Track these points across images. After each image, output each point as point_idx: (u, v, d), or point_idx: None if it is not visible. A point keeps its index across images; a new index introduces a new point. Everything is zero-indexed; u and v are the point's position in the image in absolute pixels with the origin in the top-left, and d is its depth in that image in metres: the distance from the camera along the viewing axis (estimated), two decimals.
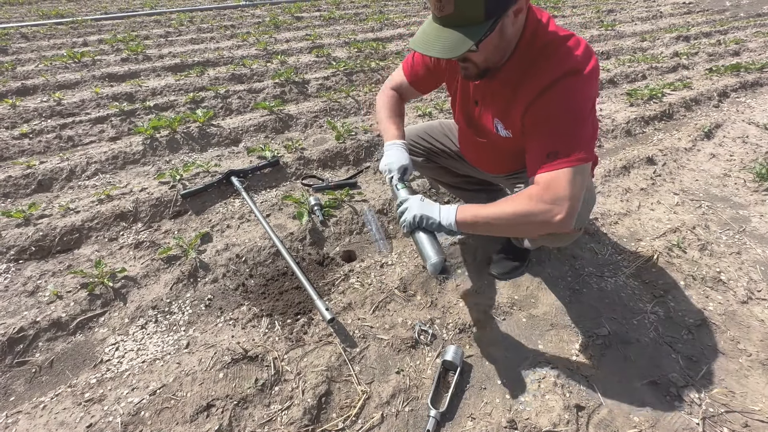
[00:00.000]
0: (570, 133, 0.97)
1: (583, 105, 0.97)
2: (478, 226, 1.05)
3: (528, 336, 1.37)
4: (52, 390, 1.22)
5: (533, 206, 0.98)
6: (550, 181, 0.97)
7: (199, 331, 1.39)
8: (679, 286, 1.55)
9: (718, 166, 2.37)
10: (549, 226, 0.98)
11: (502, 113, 1.13)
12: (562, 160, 0.96)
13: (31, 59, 3.99)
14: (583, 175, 0.98)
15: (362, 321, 1.40)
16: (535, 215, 0.98)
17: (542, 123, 1.00)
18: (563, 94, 0.97)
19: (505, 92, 1.09)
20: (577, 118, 0.97)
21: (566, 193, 0.96)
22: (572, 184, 0.96)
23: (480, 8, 0.87)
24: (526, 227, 1.04)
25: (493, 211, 1.03)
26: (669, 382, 1.22)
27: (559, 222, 0.96)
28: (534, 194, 0.99)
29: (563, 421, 1.11)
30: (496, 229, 1.06)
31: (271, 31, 5.12)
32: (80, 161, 2.28)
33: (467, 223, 1.05)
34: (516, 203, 1.01)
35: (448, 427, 1.12)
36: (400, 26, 5.55)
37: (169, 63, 3.84)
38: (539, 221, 0.98)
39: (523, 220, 1.00)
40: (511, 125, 1.12)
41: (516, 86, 1.05)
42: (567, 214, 0.96)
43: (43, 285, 1.55)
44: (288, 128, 2.80)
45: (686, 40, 5.01)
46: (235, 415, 1.12)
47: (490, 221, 1.03)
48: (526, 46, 1.02)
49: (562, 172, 0.96)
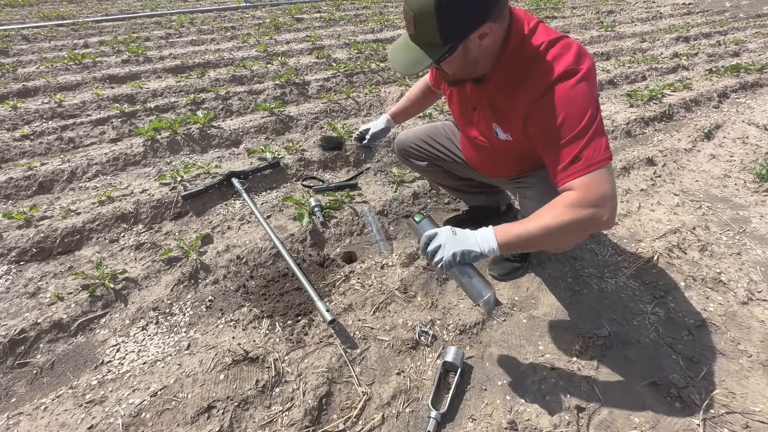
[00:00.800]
0: (582, 135, 0.97)
1: (586, 103, 0.97)
2: (522, 244, 1.00)
3: (528, 337, 1.37)
4: (53, 391, 1.22)
5: (578, 213, 0.95)
6: (588, 184, 0.96)
7: (200, 333, 1.39)
8: (680, 287, 1.55)
9: (719, 166, 2.37)
10: (597, 227, 0.98)
11: (499, 119, 1.14)
12: (589, 163, 0.96)
13: (32, 61, 4.00)
14: (612, 172, 1.00)
15: (363, 322, 1.40)
16: (583, 221, 0.95)
17: (549, 133, 1.00)
18: (561, 97, 0.97)
19: (500, 98, 1.10)
20: (582, 116, 0.97)
21: (607, 192, 0.96)
22: (608, 182, 0.97)
23: (435, 35, 0.94)
24: (573, 235, 1.02)
25: (537, 227, 0.97)
26: (669, 383, 1.22)
27: (607, 221, 0.96)
28: (575, 201, 0.96)
29: (564, 422, 1.11)
30: (540, 244, 1.01)
31: (271, 32, 5.13)
32: (81, 163, 2.28)
33: (510, 245, 0.99)
34: (558, 214, 0.96)
35: (449, 428, 1.12)
36: (401, 27, 5.56)
37: (169, 64, 3.85)
38: (587, 225, 0.97)
39: (570, 229, 0.96)
40: (511, 129, 1.13)
41: (511, 93, 1.06)
42: (612, 211, 0.96)
43: (44, 286, 1.56)
44: (288, 129, 2.80)
45: (686, 41, 5.02)
46: (236, 417, 1.12)
47: (535, 238, 0.98)
48: (514, 56, 1.03)
49: (596, 174, 0.96)
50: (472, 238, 1.00)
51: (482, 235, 1.00)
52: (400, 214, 1.96)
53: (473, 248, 0.98)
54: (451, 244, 0.99)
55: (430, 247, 1.01)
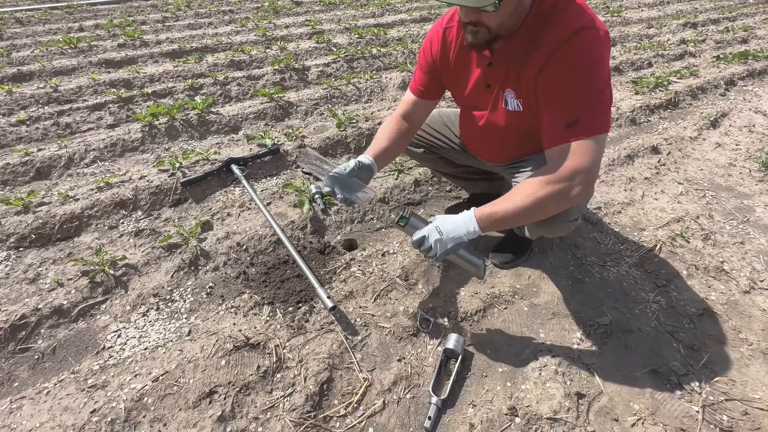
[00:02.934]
0: (589, 97, 0.95)
1: (601, 63, 0.96)
2: (501, 222, 1.07)
3: (529, 325, 1.37)
4: (55, 376, 1.23)
5: (549, 189, 0.99)
6: (568, 154, 0.97)
7: (201, 319, 1.39)
8: (682, 276, 1.54)
9: (724, 155, 2.34)
10: (568, 202, 0.99)
11: (514, 81, 1.10)
12: (582, 130, 0.95)
13: (27, 45, 3.93)
14: (601, 145, 0.98)
15: (364, 309, 1.40)
16: (553, 197, 0.99)
17: (559, 85, 0.98)
18: (580, 49, 0.95)
19: (518, 55, 1.06)
20: (594, 77, 0.95)
21: (584, 166, 0.96)
22: (592, 155, 0.96)
23: None
24: (547, 210, 1.04)
25: (513, 205, 1.04)
26: (670, 371, 1.22)
27: (574, 196, 0.98)
28: (547, 177, 0.99)
29: (564, 408, 1.11)
30: (519, 221, 1.09)
31: (270, 16, 5.02)
32: (78, 149, 2.25)
33: (491, 227, 1.08)
34: (531, 192, 1.02)
35: (450, 413, 1.12)
36: (402, 12, 5.45)
37: (166, 49, 3.78)
38: (558, 201, 1.00)
39: (542, 205, 1.01)
40: (523, 92, 1.09)
41: (529, 47, 1.02)
42: (583, 186, 0.97)
43: (44, 272, 1.55)
44: (288, 116, 2.76)
45: (693, 27, 4.92)
46: (237, 402, 1.13)
47: (512, 217, 1.05)
48: (538, 8, 1.00)
49: (581, 143, 0.96)
50: (459, 230, 1.07)
51: (463, 220, 1.08)
52: (402, 201, 1.94)
53: (461, 239, 1.07)
54: (441, 243, 1.07)
55: (423, 248, 1.10)
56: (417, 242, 1.10)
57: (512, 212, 1.04)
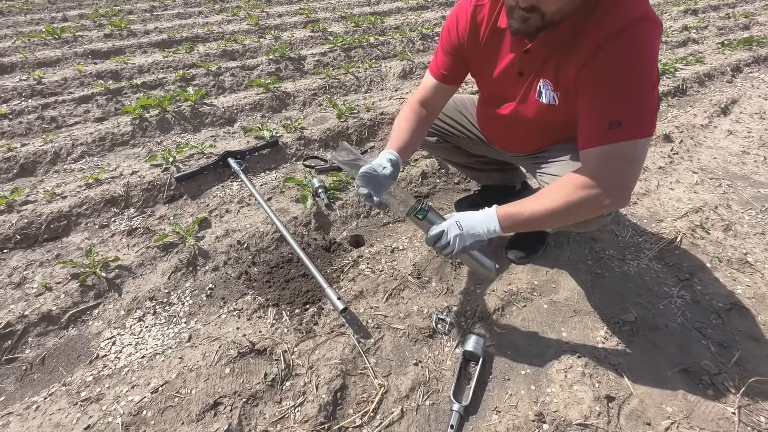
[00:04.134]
0: (638, 96, 0.86)
1: (654, 60, 0.86)
2: (525, 224, 0.99)
3: (550, 323, 1.30)
4: (45, 389, 1.13)
5: (586, 193, 0.89)
6: (610, 158, 0.87)
7: (202, 323, 1.30)
8: (705, 269, 1.48)
9: (736, 143, 2.28)
10: (603, 209, 0.90)
11: (553, 71, 0.99)
12: (626, 133, 0.86)
13: (7, 36, 3.75)
14: (644, 151, 0.89)
15: (375, 310, 1.32)
16: (588, 202, 0.90)
17: (606, 79, 0.88)
18: (636, 42, 0.85)
19: (563, 44, 0.95)
20: (646, 75, 0.86)
21: (623, 173, 0.87)
22: (633, 161, 0.87)
23: None
24: (579, 216, 0.95)
25: (540, 207, 0.95)
26: (701, 370, 1.16)
27: (612, 205, 0.89)
28: (584, 180, 0.90)
29: (594, 413, 1.05)
30: (544, 223, 0.99)
31: (262, 5, 4.86)
32: (65, 143, 2.13)
33: (514, 227, 1.00)
34: (564, 194, 0.92)
35: (473, 421, 1.05)
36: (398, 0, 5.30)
37: (155, 39, 3.63)
38: (592, 208, 0.90)
39: (575, 210, 0.92)
40: (563, 84, 0.99)
41: (577, 35, 0.92)
42: (621, 196, 0.89)
43: (31, 276, 1.45)
44: (285, 107, 2.65)
45: (694, 13, 4.85)
46: (244, 413, 1.05)
47: (537, 217, 0.96)
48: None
49: (623, 147, 0.86)
50: (479, 228, 0.99)
51: (485, 218, 0.99)
52: (409, 194, 1.85)
53: (480, 237, 0.99)
54: (460, 240, 0.99)
55: (439, 244, 1.01)
56: (434, 237, 1.01)
57: (539, 214, 0.95)
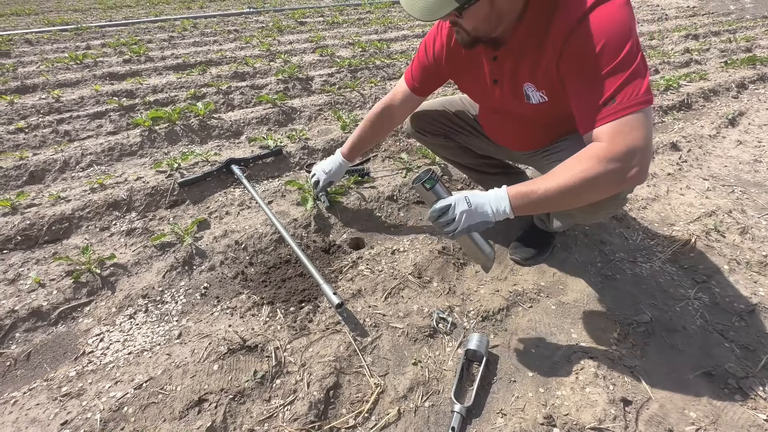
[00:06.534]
0: (622, 68, 0.84)
1: (628, 32, 0.85)
2: (538, 205, 0.92)
3: (559, 324, 1.22)
4: (26, 384, 1.08)
5: (601, 168, 0.84)
6: (619, 132, 0.84)
7: (193, 321, 1.25)
8: (723, 271, 1.40)
9: (747, 152, 2.24)
10: (623, 184, 0.86)
11: (530, 73, 1.01)
12: (622, 106, 0.83)
13: (33, 61, 3.96)
14: (648, 119, 0.85)
15: (373, 308, 1.26)
16: (606, 177, 0.84)
17: (585, 63, 0.87)
18: (600, 21, 0.84)
19: (528, 46, 0.97)
20: (622, 46, 0.84)
21: (637, 144, 0.83)
22: (642, 129, 0.83)
23: None
24: (596, 193, 0.89)
25: (555, 184, 0.88)
26: (726, 374, 1.06)
27: (632, 178, 0.84)
28: (599, 153, 0.85)
29: (609, 416, 0.95)
30: (559, 203, 0.92)
31: (274, 34, 5.09)
32: (75, 153, 2.18)
33: (523, 207, 0.93)
34: (580, 170, 0.86)
35: (476, 424, 0.97)
36: (404, 29, 5.52)
37: (171, 63, 3.79)
38: (611, 182, 0.85)
39: (592, 187, 0.86)
40: (546, 82, 0.99)
41: (541, 35, 0.93)
42: (641, 167, 0.84)
43: (25, 273, 1.43)
44: (291, 121, 2.70)
45: (695, 38, 4.94)
46: (230, 411, 0.98)
47: (552, 195, 0.89)
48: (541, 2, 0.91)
49: (629, 119, 0.83)
50: (488, 208, 0.94)
51: (494, 198, 0.94)
52: (410, 200, 1.83)
53: (487, 218, 0.94)
54: (466, 217, 0.93)
55: (443, 219, 0.95)
56: (439, 210, 0.94)
57: (554, 192, 0.88)
